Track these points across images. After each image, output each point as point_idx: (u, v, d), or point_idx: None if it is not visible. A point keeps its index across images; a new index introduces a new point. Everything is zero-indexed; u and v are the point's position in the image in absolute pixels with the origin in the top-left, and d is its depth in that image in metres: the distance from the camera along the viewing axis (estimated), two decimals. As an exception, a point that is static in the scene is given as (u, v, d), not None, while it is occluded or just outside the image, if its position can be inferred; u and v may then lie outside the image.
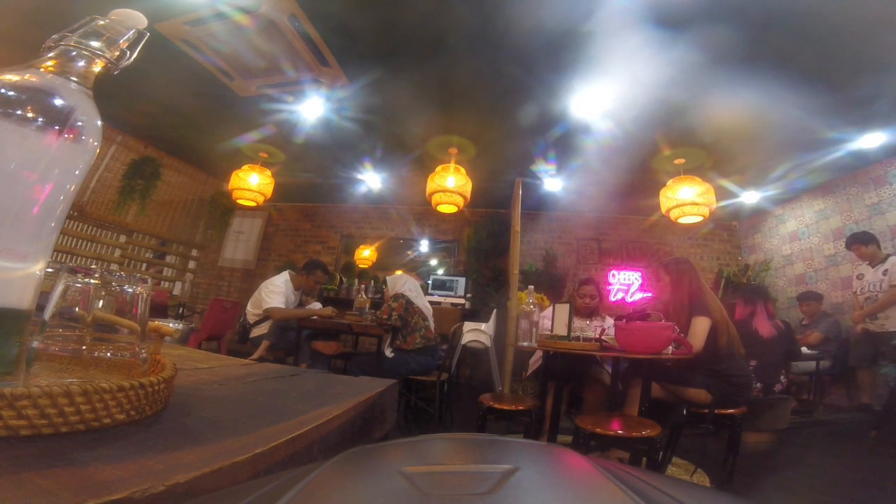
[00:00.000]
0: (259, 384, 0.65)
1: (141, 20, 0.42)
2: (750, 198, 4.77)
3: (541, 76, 2.96)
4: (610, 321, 2.96)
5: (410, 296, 3.02)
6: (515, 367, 3.88)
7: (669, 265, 2.43)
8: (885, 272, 3.50)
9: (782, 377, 3.05)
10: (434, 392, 2.98)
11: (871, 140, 3.47)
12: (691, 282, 2.30)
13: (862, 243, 3.69)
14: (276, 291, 3.26)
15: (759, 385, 2.88)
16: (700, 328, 2.11)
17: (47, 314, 0.40)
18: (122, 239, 5.23)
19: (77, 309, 0.43)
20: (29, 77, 0.34)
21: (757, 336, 2.97)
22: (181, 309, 5.49)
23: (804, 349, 3.67)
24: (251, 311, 3.35)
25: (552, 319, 2.41)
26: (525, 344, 2.43)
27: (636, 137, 3.57)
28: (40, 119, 0.33)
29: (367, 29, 2.71)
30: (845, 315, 4.04)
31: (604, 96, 3.10)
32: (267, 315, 3.23)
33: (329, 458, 0.26)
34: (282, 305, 3.24)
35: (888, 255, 3.60)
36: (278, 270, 3.59)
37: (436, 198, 4.08)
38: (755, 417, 2.79)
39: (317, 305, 3.65)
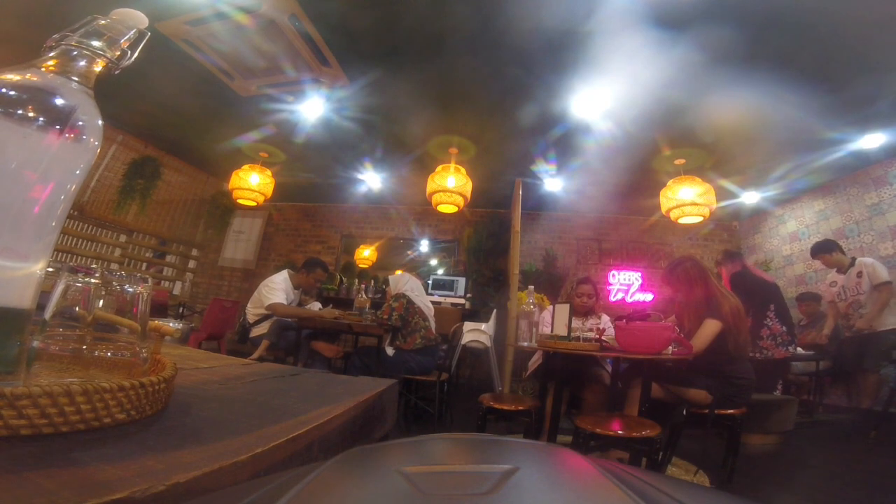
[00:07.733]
0: (259, 384, 0.65)
1: (142, 20, 0.42)
2: (750, 198, 4.77)
3: (541, 76, 2.96)
4: (606, 319, 2.96)
5: (412, 296, 3.01)
6: (515, 367, 3.88)
7: (674, 269, 2.36)
8: (858, 275, 3.48)
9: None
10: (434, 392, 2.98)
11: (871, 140, 3.46)
12: (705, 281, 2.24)
13: (826, 252, 3.69)
14: (277, 288, 3.27)
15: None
16: (707, 331, 2.09)
17: (48, 314, 0.40)
18: (123, 238, 5.23)
19: (77, 308, 0.43)
20: (30, 77, 0.34)
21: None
22: (181, 309, 5.49)
23: (800, 350, 3.66)
24: (251, 310, 3.35)
25: (552, 321, 2.41)
26: (525, 344, 2.44)
27: (636, 137, 3.57)
28: (41, 119, 0.33)
29: (368, 29, 2.71)
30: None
31: (604, 96, 3.10)
32: (269, 313, 3.22)
33: (329, 458, 0.26)
34: (284, 302, 3.25)
35: (853, 259, 3.60)
36: (278, 270, 3.59)
37: (436, 198, 4.08)
38: (763, 419, 2.77)
39: (316, 305, 3.65)
